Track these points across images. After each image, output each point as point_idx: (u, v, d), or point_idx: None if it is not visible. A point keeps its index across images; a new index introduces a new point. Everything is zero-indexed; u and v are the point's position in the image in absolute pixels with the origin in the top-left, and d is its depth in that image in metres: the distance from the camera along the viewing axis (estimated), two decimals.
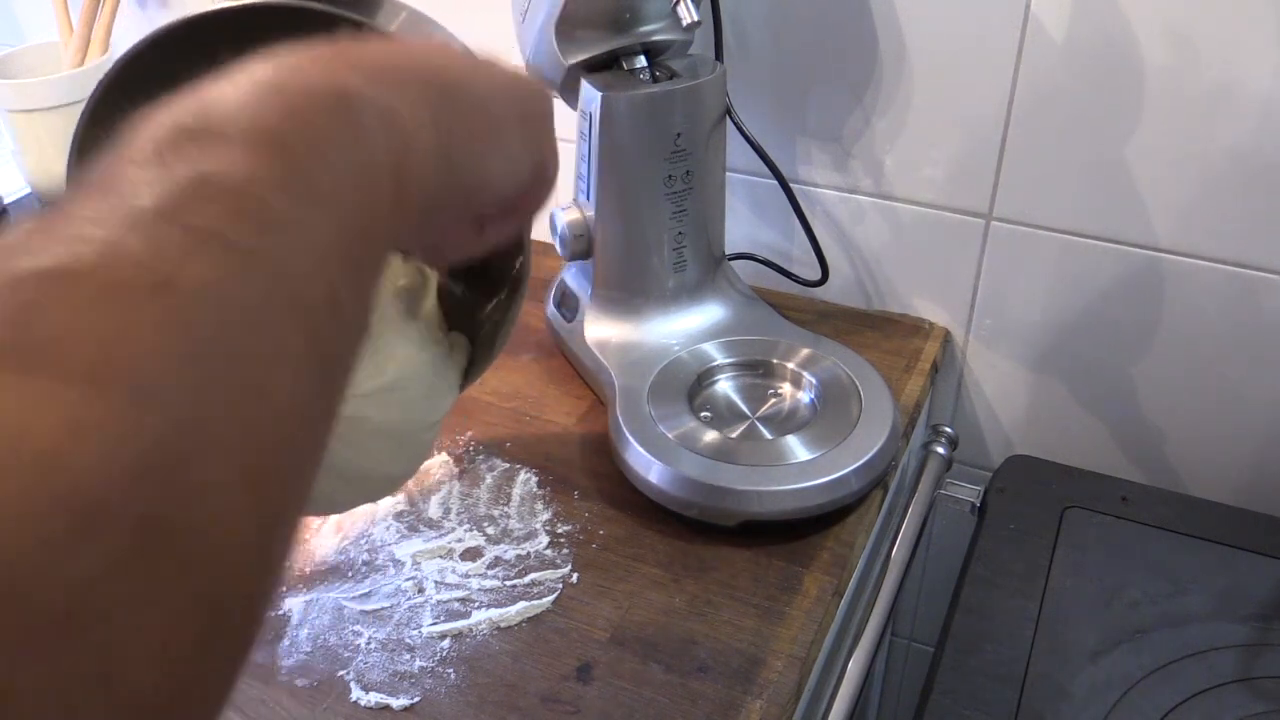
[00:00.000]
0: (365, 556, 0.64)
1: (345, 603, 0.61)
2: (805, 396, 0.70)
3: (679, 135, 0.69)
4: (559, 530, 0.65)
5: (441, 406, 0.50)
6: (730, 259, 0.80)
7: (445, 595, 0.61)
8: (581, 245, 0.73)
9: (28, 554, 0.16)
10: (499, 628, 0.59)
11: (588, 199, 0.72)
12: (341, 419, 0.47)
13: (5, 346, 0.17)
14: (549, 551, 0.64)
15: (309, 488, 0.22)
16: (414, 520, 0.66)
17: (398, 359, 0.47)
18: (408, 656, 0.58)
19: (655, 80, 0.69)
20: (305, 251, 0.22)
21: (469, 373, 0.51)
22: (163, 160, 0.22)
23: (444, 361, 0.50)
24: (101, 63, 1.00)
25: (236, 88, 0.24)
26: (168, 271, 0.19)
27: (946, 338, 0.84)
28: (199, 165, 0.22)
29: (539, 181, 0.34)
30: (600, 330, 0.75)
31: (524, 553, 0.64)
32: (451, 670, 0.57)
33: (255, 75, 0.25)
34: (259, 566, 0.20)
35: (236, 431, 0.19)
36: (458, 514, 0.67)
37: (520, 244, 0.48)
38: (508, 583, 0.62)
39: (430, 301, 0.50)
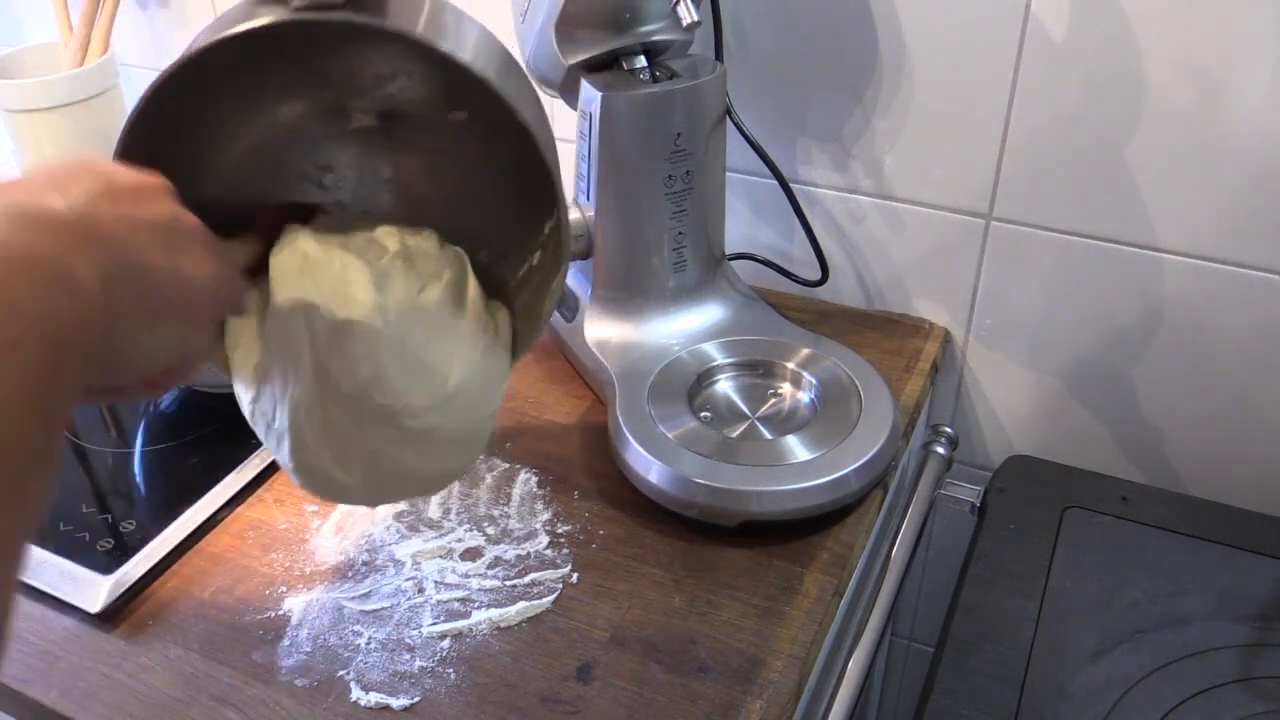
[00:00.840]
0: (365, 556, 0.64)
1: (345, 603, 0.61)
2: (805, 396, 0.70)
3: (679, 135, 0.69)
4: (559, 530, 0.65)
5: (499, 392, 0.51)
6: (730, 259, 0.80)
7: (445, 595, 0.61)
8: (581, 245, 0.73)
9: None
10: (499, 628, 0.59)
11: (588, 199, 0.72)
12: (412, 434, 0.48)
13: None
14: (549, 551, 0.64)
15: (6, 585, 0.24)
16: (414, 520, 0.66)
17: (456, 365, 0.48)
18: (408, 656, 0.58)
19: (655, 80, 0.69)
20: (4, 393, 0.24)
21: (516, 345, 0.51)
22: None
23: (493, 347, 0.50)
24: (102, 62, 1.00)
25: None
26: None
27: (946, 338, 0.84)
28: None
29: (185, 369, 0.38)
30: (600, 330, 0.75)
31: (524, 553, 0.64)
32: (451, 670, 0.57)
33: None
34: None
35: None
36: (458, 514, 0.67)
37: (553, 206, 0.47)
38: (508, 583, 0.62)
39: (473, 287, 0.50)
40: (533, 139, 0.45)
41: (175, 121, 0.45)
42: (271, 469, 0.71)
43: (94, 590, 0.61)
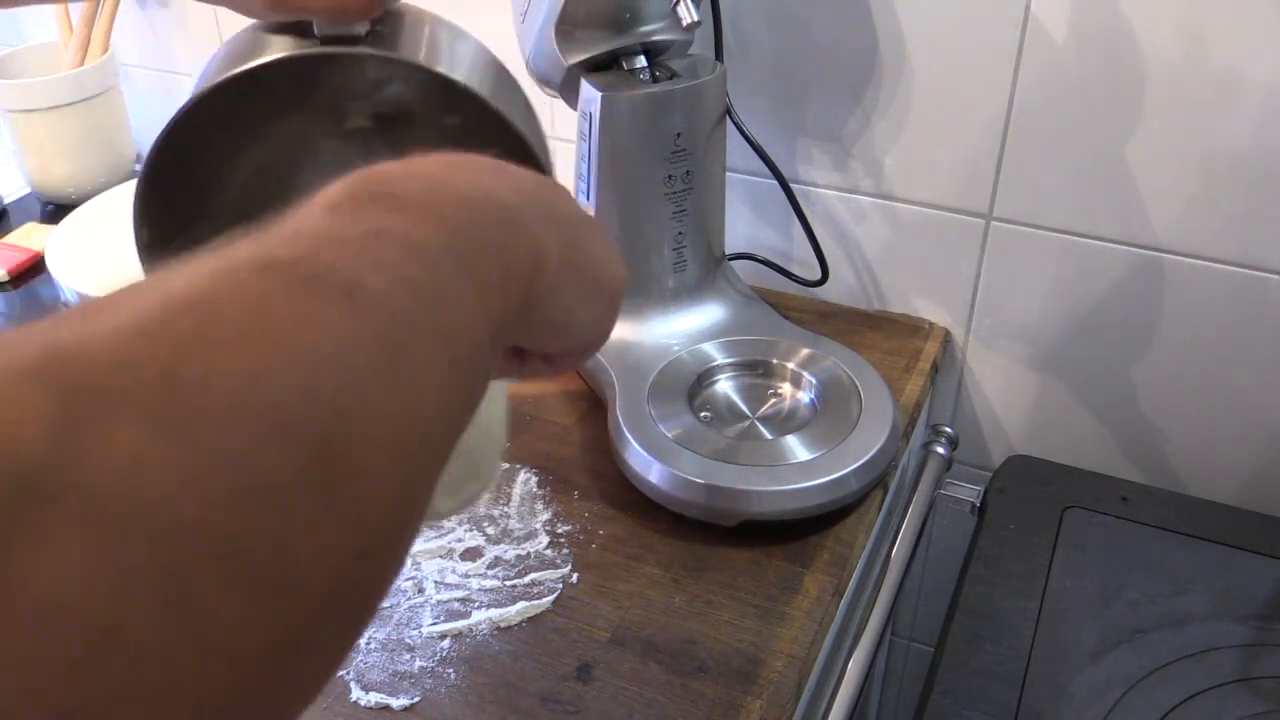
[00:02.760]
0: None
1: None
2: (805, 396, 0.70)
3: (679, 135, 0.69)
4: (559, 530, 0.65)
5: (502, 389, 0.51)
6: (730, 259, 0.80)
7: (445, 595, 0.61)
8: None
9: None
10: (499, 628, 0.59)
11: (588, 199, 0.72)
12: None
13: (230, 300, 0.21)
14: (549, 551, 0.64)
15: (436, 472, 0.25)
16: None
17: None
18: (408, 656, 0.58)
19: (655, 80, 0.69)
20: (456, 303, 0.26)
21: None
22: (353, 211, 0.26)
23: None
24: (102, 62, 1.00)
25: (418, 174, 0.29)
26: (355, 279, 0.23)
27: (946, 338, 0.84)
28: (382, 220, 0.26)
29: (596, 345, 0.39)
30: None
31: (524, 553, 0.64)
32: (451, 670, 0.57)
33: (433, 169, 0.30)
34: (397, 519, 0.23)
35: (393, 404, 0.22)
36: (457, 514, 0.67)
37: None
38: (508, 583, 0.62)
39: None
40: (528, 146, 0.46)
41: (184, 155, 0.46)
42: None
43: None
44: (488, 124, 0.45)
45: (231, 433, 0.19)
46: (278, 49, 0.42)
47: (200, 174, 0.50)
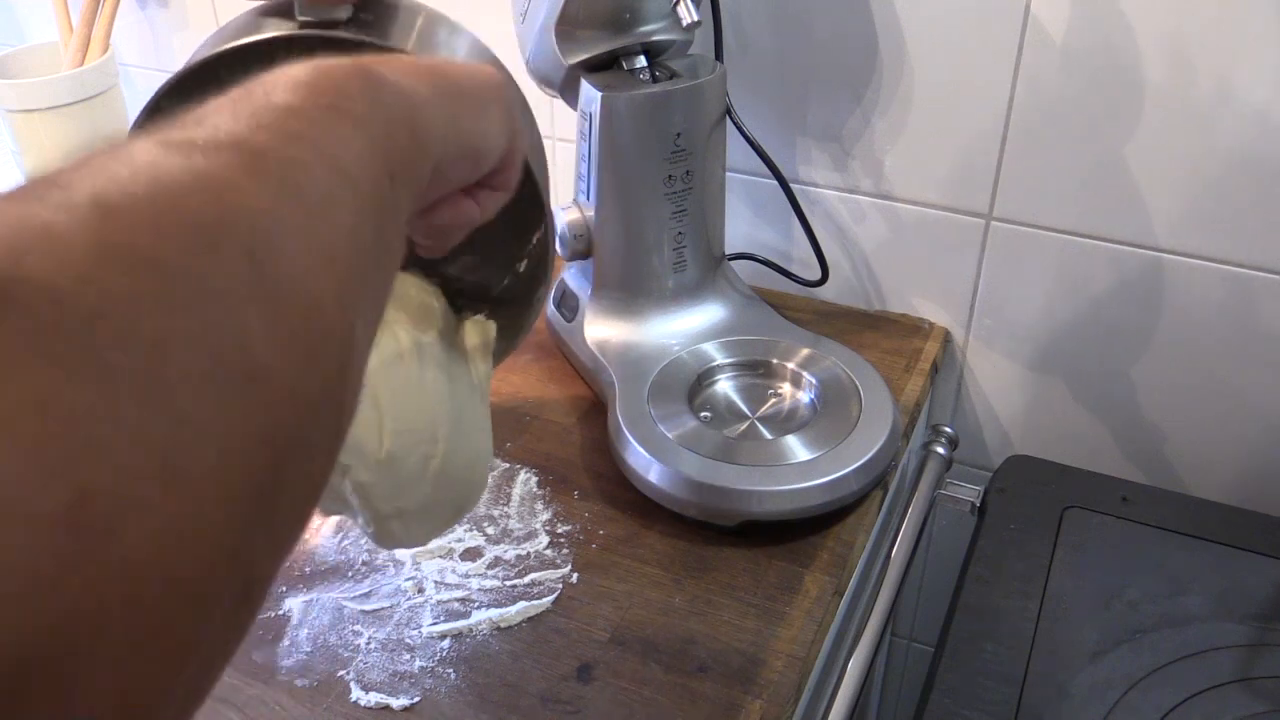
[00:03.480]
0: (365, 556, 0.64)
1: (345, 603, 0.61)
2: (805, 396, 0.70)
3: (679, 135, 0.69)
4: (559, 530, 0.65)
5: (485, 423, 0.53)
6: (730, 259, 0.80)
7: (445, 595, 0.61)
8: (581, 245, 0.73)
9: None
10: (499, 628, 0.59)
11: (588, 199, 0.72)
12: (418, 492, 0.49)
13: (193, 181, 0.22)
14: (549, 551, 0.64)
15: (370, 301, 0.27)
16: None
17: (446, 425, 0.50)
18: (408, 656, 0.58)
19: (655, 80, 0.69)
20: (345, 146, 0.28)
21: (497, 353, 0.52)
22: (245, 93, 0.28)
23: (474, 389, 0.51)
24: (102, 62, 1.00)
25: (291, 71, 0.30)
26: (248, 139, 0.25)
27: (946, 338, 0.84)
28: (272, 96, 0.28)
29: (513, 152, 0.40)
30: (600, 330, 0.75)
31: (524, 553, 0.64)
32: (451, 670, 0.57)
33: (297, 69, 0.31)
34: (341, 324, 0.25)
35: (308, 227, 0.24)
36: None
37: (540, 217, 0.48)
38: (508, 583, 0.62)
39: (459, 334, 0.51)
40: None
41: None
42: None
43: None
44: None
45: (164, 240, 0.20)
46: (267, 30, 0.43)
47: None
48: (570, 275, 0.79)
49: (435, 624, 0.59)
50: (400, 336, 0.48)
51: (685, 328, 0.75)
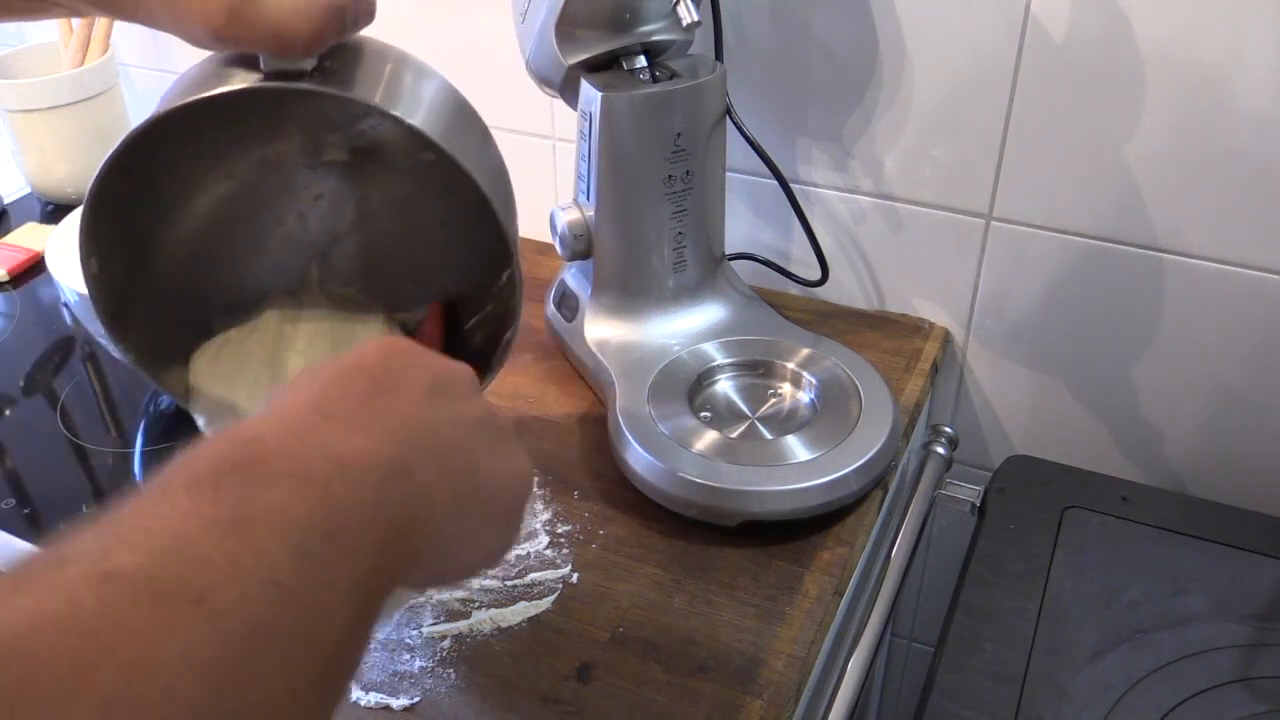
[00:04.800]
0: None
1: None
2: (805, 396, 0.70)
3: (679, 135, 0.69)
4: (559, 530, 0.65)
5: None
6: (730, 259, 0.80)
7: (445, 595, 0.61)
8: (581, 245, 0.73)
9: None
10: (499, 628, 0.59)
11: (588, 199, 0.72)
12: None
13: (61, 628, 0.20)
14: (549, 551, 0.64)
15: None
16: None
17: None
18: (408, 656, 0.58)
19: (655, 80, 0.69)
20: (329, 588, 0.25)
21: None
22: (214, 489, 0.25)
23: None
24: (102, 62, 1.00)
25: (284, 424, 0.28)
26: (206, 590, 0.22)
27: (946, 338, 0.84)
28: (245, 499, 0.25)
29: (494, 561, 0.38)
30: (600, 330, 0.75)
31: (524, 553, 0.64)
32: (451, 670, 0.57)
33: (304, 417, 0.29)
34: None
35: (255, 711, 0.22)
36: None
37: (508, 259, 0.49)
38: (508, 583, 0.62)
39: None
40: (487, 202, 0.45)
41: (142, 179, 0.46)
42: None
43: None
44: (452, 170, 0.45)
45: None
46: (233, 81, 0.42)
47: (157, 204, 0.50)
48: (570, 275, 0.79)
49: (435, 624, 0.59)
50: None
51: (685, 328, 0.75)
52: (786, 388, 0.72)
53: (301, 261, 0.56)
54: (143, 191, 0.48)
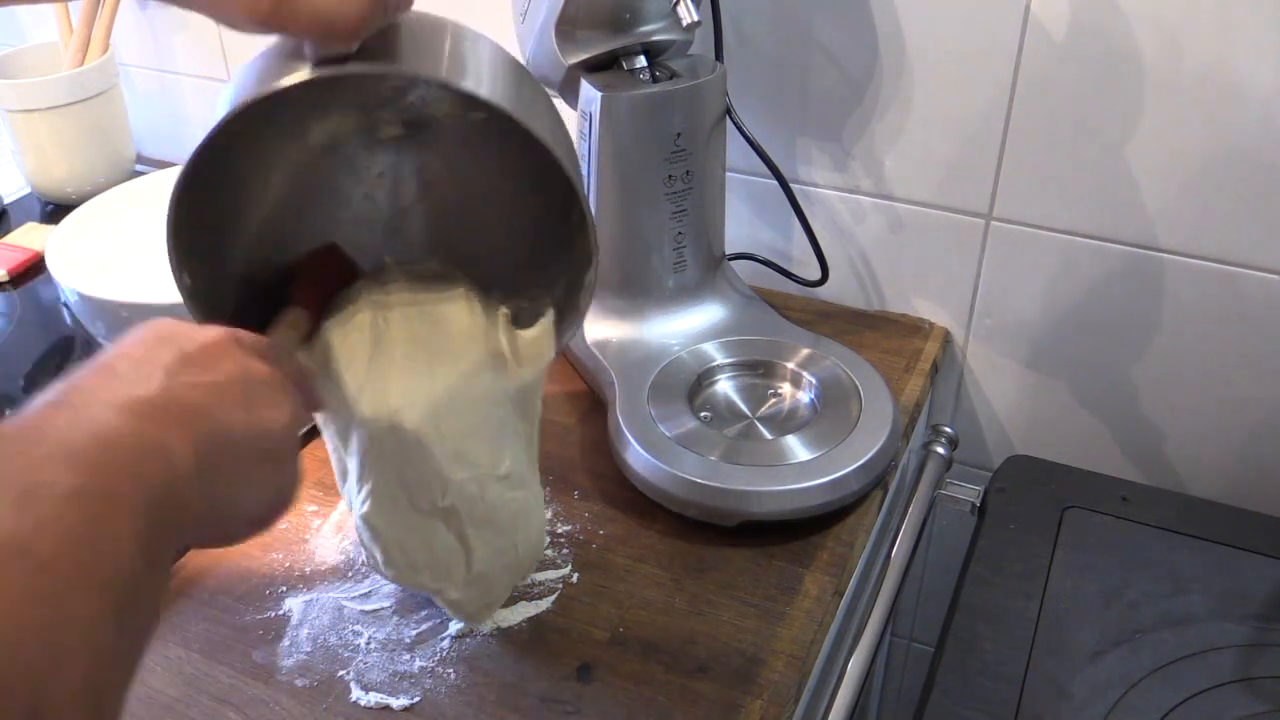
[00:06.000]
0: (365, 556, 0.64)
1: (345, 603, 0.61)
2: (805, 396, 0.70)
3: (679, 135, 0.69)
4: (559, 530, 0.65)
5: (539, 540, 0.59)
6: (730, 259, 0.80)
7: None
8: None
9: None
10: (499, 628, 0.59)
11: (588, 199, 0.72)
12: (501, 586, 0.58)
13: None
14: (549, 551, 0.64)
15: (121, 699, 0.29)
16: None
17: (522, 530, 0.57)
18: (408, 656, 0.58)
19: (655, 80, 0.69)
20: (112, 539, 0.29)
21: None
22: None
23: (533, 456, 0.57)
24: (102, 62, 1.00)
25: (69, 407, 0.32)
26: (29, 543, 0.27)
27: (946, 338, 0.84)
28: (31, 475, 0.29)
29: (281, 504, 0.42)
30: (600, 330, 0.75)
31: None
32: (451, 670, 0.57)
33: (80, 398, 0.33)
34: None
35: (66, 652, 0.26)
36: None
37: (574, 201, 0.49)
38: None
39: (527, 379, 0.55)
40: (545, 149, 0.46)
41: (212, 183, 0.46)
42: None
43: None
44: (511, 125, 0.45)
45: None
46: (295, 74, 0.42)
47: (227, 204, 0.50)
48: None
49: (435, 624, 0.59)
50: (481, 466, 0.53)
51: (685, 328, 0.75)
52: (786, 388, 0.72)
53: (375, 241, 0.56)
54: (213, 202, 0.48)
